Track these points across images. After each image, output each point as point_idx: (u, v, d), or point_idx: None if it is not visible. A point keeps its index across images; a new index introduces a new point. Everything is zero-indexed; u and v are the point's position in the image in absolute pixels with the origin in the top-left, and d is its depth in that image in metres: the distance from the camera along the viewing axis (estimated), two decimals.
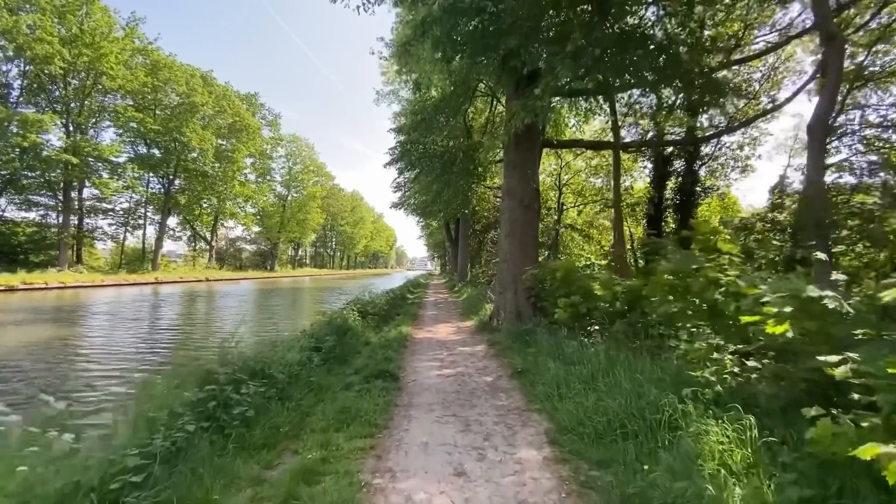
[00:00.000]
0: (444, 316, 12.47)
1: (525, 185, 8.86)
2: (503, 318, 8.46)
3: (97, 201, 37.70)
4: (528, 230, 8.76)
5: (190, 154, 37.52)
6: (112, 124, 34.80)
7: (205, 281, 40.63)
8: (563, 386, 4.14)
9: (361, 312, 9.10)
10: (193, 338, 10.74)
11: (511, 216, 8.78)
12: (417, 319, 11.48)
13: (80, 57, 29.25)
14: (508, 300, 8.47)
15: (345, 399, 4.17)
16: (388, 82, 33.74)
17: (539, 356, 5.49)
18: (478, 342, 7.89)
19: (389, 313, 11.50)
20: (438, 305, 16.04)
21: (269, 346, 5.16)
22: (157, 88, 33.64)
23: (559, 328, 6.65)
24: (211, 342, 9.74)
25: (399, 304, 14.79)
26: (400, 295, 16.70)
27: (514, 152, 9.01)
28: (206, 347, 8.32)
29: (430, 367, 5.96)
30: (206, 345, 8.91)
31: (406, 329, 8.89)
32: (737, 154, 18.87)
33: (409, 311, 13.15)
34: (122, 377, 6.73)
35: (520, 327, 7.33)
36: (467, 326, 10.08)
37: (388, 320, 10.69)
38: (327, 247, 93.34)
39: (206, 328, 12.47)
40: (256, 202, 54.01)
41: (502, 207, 9.16)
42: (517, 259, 8.58)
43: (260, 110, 52.24)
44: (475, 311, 11.74)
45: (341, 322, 7.20)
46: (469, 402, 4.38)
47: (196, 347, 9.15)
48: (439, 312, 13.50)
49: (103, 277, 29.47)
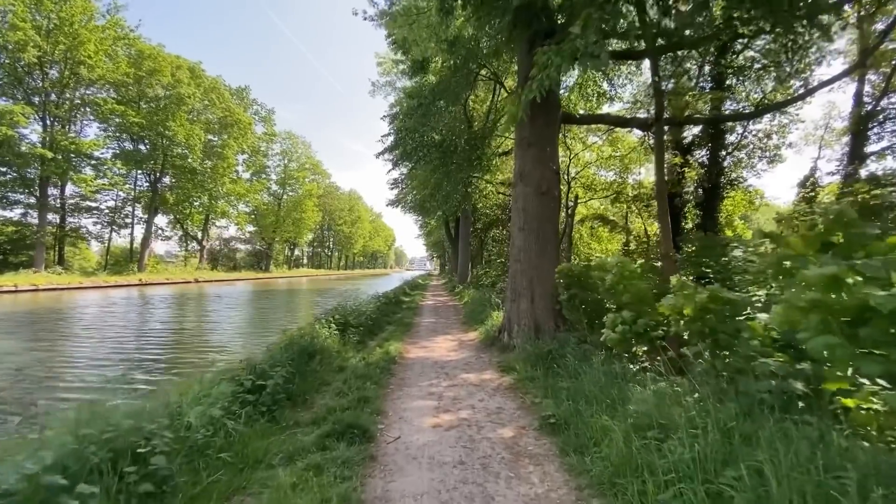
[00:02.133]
0: (443, 325, 10.76)
1: (543, 167, 7.16)
2: (517, 332, 6.76)
3: (81, 199, 35.97)
4: (546, 223, 7.05)
5: (177, 149, 35.72)
6: (94, 118, 33.16)
7: (194, 282, 38.91)
8: (641, 470, 2.44)
9: (340, 325, 7.39)
10: (109, 358, 9.00)
11: (525, 206, 7.08)
12: (412, 330, 9.77)
13: (57, 45, 27.54)
14: (523, 310, 6.76)
15: (271, 500, 2.47)
16: (385, 73, 32.14)
17: (578, 397, 3.78)
18: (485, 365, 6.18)
19: (379, 323, 9.79)
20: (437, 311, 14.33)
21: (178, 394, 3.44)
22: (140, 80, 31.85)
23: (596, 350, 4.96)
24: (140, 362, 8.05)
25: (392, 309, 13.09)
26: (394, 299, 15.00)
27: (528, 128, 7.31)
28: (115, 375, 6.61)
29: (422, 409, 4.26)
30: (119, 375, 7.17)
31: (396, 346, 7.18)
32: (764, 143, 17.20)
33: (403, 318, 11.46)
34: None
35: (540, 347, 5.63)
36: (471, 340, 8.38)
37: (376, 331, 8.99)
38: (324, 247, 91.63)
39: (152, 343, 10.74)
40: (250, 201, 52.22)
41: (514, 195, 7.46)
42: (534, 259, 6.87)
43: (252, 105, 50.49)
44: (479, 320, 10.05)
45: (307, 343, 5.49)
46: (482, 491, 2.69)
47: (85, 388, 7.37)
48: (438, 320, 11.80)
49: (81, 279, 27.72)
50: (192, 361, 8.02)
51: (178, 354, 8.83)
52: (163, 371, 7.15)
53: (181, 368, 7.07)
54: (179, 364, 7.64)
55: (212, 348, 9.63)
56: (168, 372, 7.00)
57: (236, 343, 10.18)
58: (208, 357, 8.12)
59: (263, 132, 53.18)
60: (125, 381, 3.19)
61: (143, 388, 4.64)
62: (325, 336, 6.22)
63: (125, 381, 3.19)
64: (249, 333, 11.86)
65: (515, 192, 7.40)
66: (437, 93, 15.01)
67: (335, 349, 6.19)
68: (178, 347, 9.66)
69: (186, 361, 8.06)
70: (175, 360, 8.26)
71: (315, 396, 4.54)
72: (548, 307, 6.67)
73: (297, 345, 5.31)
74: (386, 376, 5.33)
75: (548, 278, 6.78)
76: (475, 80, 18.06)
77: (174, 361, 8.06)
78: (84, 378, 6.49)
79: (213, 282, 41.36)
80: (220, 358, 7.63)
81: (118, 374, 3.21)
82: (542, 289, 6.73)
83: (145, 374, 6.63)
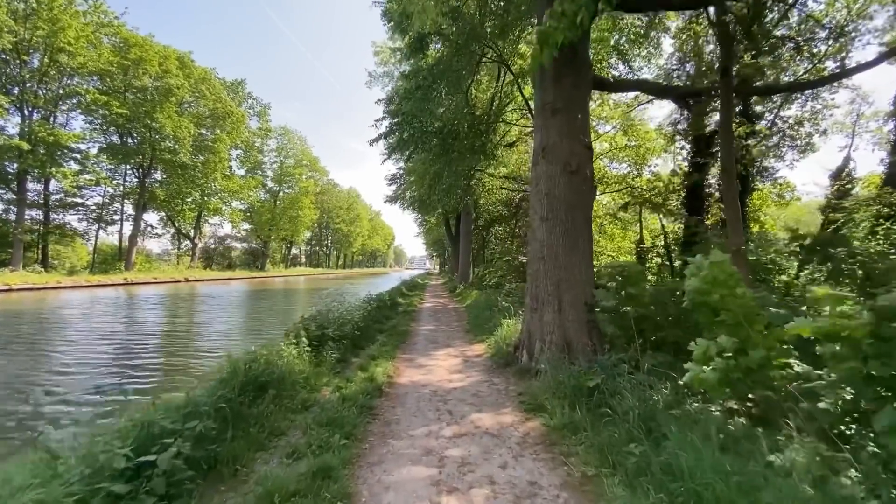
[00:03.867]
0: (444, 334, 9.24)
1: (572, 139, 5.63)
2: (540, 351, 5.24)
3: (65, 195, 34.39)
4: (577, 211, 5.52)
5: (165, 143, 34.09)
6: (78, 109, 31.55)
7: (184, 281, 37.36)
8: None
9: (317, 339, 5.87)
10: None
11: (550, 189, 5.55)
12: (407, 341, 8.25)
13: (36, 31, 25.96)
14: (548, 322, 5.24)
15: None
16: (382, 62, 30.56)
17: (671, 485, 2.29)
18: (501, 398, 4.65)
19: (368, 332, 8.27)
20: (437, 316, 12.82)
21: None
22: (126, 69, 30.25)
23: (658, 384, 3.47)
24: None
25: (386, 314, 11.59)
26: (389, 301, 13.48)
27: (552, 89, 5.78)
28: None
29: (414, 487, 2.74)
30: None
31: (384, 366, 5.65)
32: (796, 131, 15.68)
33: (397, 325, 9.94)
34: None
35: (578, 376, 4.12)
36: (478, 355, 6.87)
37: (364, 343, 7.47)
38: (322, 245, 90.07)
39: (91, 360, 9.24)
40: (244, 197, 50.61)
41: (534, 177, 5.93)
42: (562, 256, 5.35)
43: (247, 99, 48.88)
44: (486, 328, 8.55)
45: (258, 370, 3.97)
46: None
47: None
48: (438, 327, 10.27)
49: (60, 279, 26.18)
50: (146, 379, 6.53)
51: (125, 370, 7.32)
52: (77, 407, 5.64)
53: (104, 406, 5.55)
54: (103, 403, 6.10)
55: (171, 367, 8.13)
56: (84, 406, 5.48)
57: (205, 356, 8.68)
58: (155, 378, 6.61)
59: (258, 127, 51.60)
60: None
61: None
62: (289, 358, 4.71)
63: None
64: (223, 341, 10.36)
65: (536, 172, 5.87)
66: (436, 74, 13.52)
67: (303, 375, 4.68)
68: (125, 365, 8.15)
69: (137, 381, 6.56)
70: (119, 379, 6.76)
71: (255, 459, 3.04)
72: (580, 319, 5.15)
73: (242, 375, 3.80)
74: (365, 419, 3.81)
75: (580, 281, 5.27)
76: (478, 65, 16.54)
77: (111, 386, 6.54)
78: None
79: (204, 281, 39.81)
80: (176, 382, 6.16)
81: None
82: (572, 295, 5.21)
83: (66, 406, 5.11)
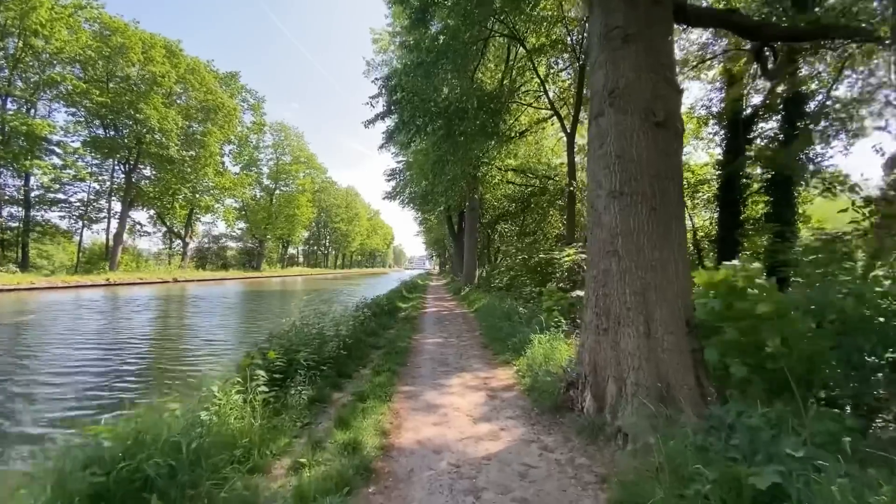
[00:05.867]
0: (455, 350, 7.39)
1: (656, 77, 3.79)
2: (619, 395, 3.38)
3: (46, 191, 32.53)
4: (668, 182, 3.67)
5: (150, 136, 32.18)
6: (59, 100, 29.68)
7: (172, 282, 35.51)
8: None
9: (281, 370, 4.03)
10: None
11: (624, 150, 3.70)
12: (408, 362, 6.40)
13: (8, 13, 24.10)
14: (631, 351, 3.38)
15: None
16: (381, 50, 28.67)
17: None
18: (572, 488, 2.80)
19: (358, 349, 6.44)
20: (443, 323, 10.96)
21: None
22: (107, 56, 28.35)
23: None
24: None
25: (384, 322, 9.76)
26: (387, 307, 11.66)
27: (622, 8, 3.94)
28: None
29: None
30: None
31: (376, 415, 3.82)
32: (850, 112, 13.84)
33: (396, 339, 8.08)
34: None
35: (687, 436, 2.31)
36: (507, 387, 5.03)
37: (350, 369, 5.65)
38: (321, 245, 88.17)
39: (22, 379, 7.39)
40: (238, 195, 48.71)
41: (595, 135, 4.07)
42: (648, 251, 3.49)
43: (241, 92, 46.96)
44: (509, 345, 6.72)
45: (147, 455, 2.15)
46: None
47: None
48: (446, 340, 8.41)
49: (35, 279, 24.34)
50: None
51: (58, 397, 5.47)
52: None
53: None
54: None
55: (110, 391, 6.30)
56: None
57: (157, 375, 6.84)
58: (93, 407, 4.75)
59: (253, 122, 49.72)
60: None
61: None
62: (223, 414, 2.87)
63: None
64: (186, 356, 8.52)
65: (598, 128, 4.01)
66: (440, 51, 11.71)
67: (245, 440, 2.85)
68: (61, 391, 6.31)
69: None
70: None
71: None
72: (680, 347, 3.32)
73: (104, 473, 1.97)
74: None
75: (677, 288, 3.43)
76: (487, 42, 14.70)
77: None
78: None
79: (194, 281, 37.98)
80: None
81: None
82: (667, 309, 3.36)
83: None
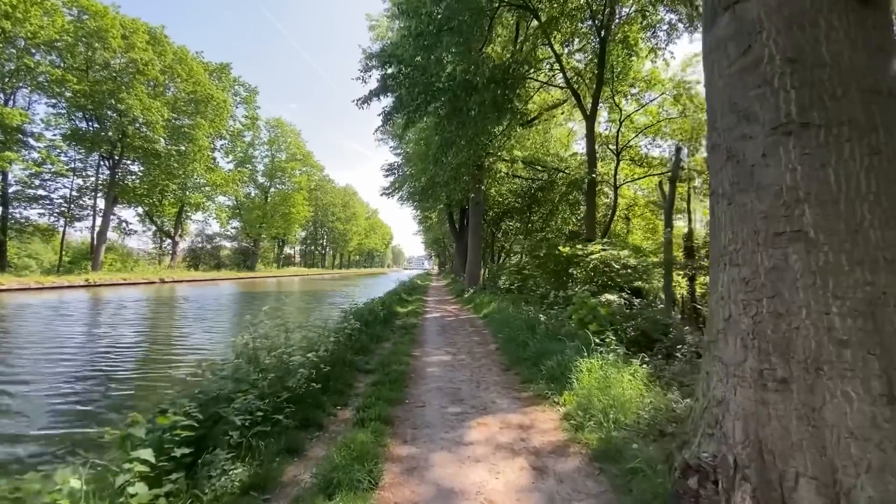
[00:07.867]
0: (468, 374, 5.66)
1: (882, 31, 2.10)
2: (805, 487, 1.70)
3: (24, 186, 30.76)
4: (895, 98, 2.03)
5: (132, 127, 30.39)
6: (37, 90, 27.95)
7: (159, 282, 33.75)
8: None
9: (187, 443, 2.34)
10: None
11: (801, 48, 2.02)
12: (407, 397, 4.66)
13: None
14: (856, 430, 1.70)
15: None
16: (378, 38, 26.90)
17: None
18: None
19: (338, 379, 4.75)
20: (449, 333, 9.23)
21: None
22: (85, 41, 26.56)
23: None
24: None
25: (378, 333, 8.05)
26: (383, 311, 9.95)
27: None
28: None
29: None
30: None
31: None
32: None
33: (391, 357, 6.36)
34: None
35: None
36: (557, 447, 3.32)
37: (326, 408, 3.96)
38: (318, 244, 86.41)
39: None
40: (231, 192, 46.95)
41: (727, 34, 2.37)
42: (871, 233, 1.82)
43: (233, 85, 45.22)
44: (539, 368, 5.03)
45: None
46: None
47: None
48: (455, 358, 6.68)
49: (5, 280, 22.59)
50: None
51: None
52: None
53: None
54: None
55: None
56: None
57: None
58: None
59: (245, 115, 47.97)
60: None
61: None
62: None
63: None
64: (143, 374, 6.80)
65: (736, 20, 2.32)
66: (441, 21, 10.04)
67: None
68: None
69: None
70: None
71: None
72: None
73: None
74: None
75: None
76: (494, 19, 12.99)
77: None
78: None
79: (183, 282, 36.21)
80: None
81: None
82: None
83: None
